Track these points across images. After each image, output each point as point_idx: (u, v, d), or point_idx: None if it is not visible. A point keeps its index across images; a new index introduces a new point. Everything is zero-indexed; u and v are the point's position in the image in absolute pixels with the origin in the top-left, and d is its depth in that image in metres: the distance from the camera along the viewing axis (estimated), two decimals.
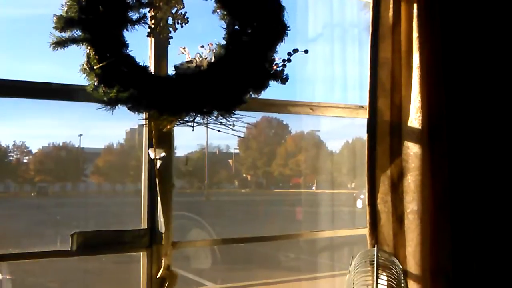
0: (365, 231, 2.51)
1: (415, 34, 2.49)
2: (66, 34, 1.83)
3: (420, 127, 2.48)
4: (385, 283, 1.64)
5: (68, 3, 1.84)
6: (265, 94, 2.17)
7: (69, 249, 2.03)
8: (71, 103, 2.12)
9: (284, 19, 2.07)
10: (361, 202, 2.35)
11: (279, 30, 2.06)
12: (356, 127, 3.03)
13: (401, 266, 1.77)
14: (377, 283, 1.56)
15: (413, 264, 2.44)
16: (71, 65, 1.96)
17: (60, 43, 1.82)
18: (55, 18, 1.82)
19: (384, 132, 2.53)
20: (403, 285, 1.66)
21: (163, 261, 2.16)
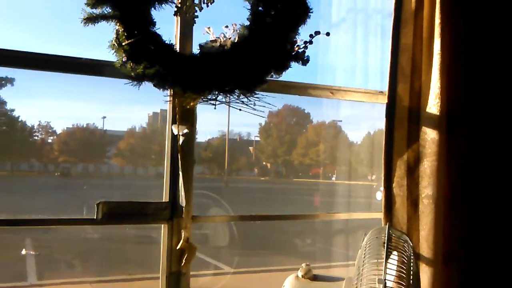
0: (380, 215, 2.57)
1: (437, 20, 2.50)
2: (97, 11, 1.91)
3: (438, 113, 2.50)
4: (396, 259, 1.69)
5: None
6: (286, 77, 2.22)
7: (95, 217, 2.12)
8: (96, 83, 2.21)
9: (307, 1, 2.11)
10: (381, 194, 2.39)
11: (302, 12, 2.10)
12: (375, 117, 3.06)
13: (412, 244, 1.82)
14: (387, 258, 1.61)
15: (425, 248, 2.48)
16: (100, 43, 2.04)
17: (91, 19, 1.89)
18: None
19: (403, 117, 2.56)
20: (412, 263, 1.71)
21: (183, 233, 2.24)
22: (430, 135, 2.52)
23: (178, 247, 2.24)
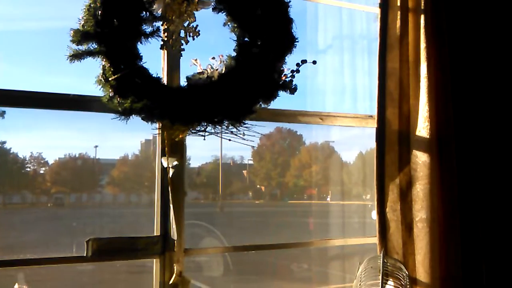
0: (376, 240, 2.54)
1: (422, 45, 2.53)
2: (83, 47, 1.91)
3: (428, 136, 2.51)
4: (392, 286, 1.67)
5: (85, 17, 1.92)
6: (275, 104, 2.22)
7: (84, 255, 2.09)
8: (87, 114, 2.19)
9: (292, 31, 2.13)
10: (376, 215, 2.41)
11: (288, 42, 2.12)
12: (366, 137, 3.07)
13: (407, 272, 1.80)
14: (383, 287, 1.59)
15: (422, 272, 2.45)
16: (87, 77, 2.04)
17: (77, 56, 1.89)
18: (72, 32, 1.90)
19: (393, 141, 2.56)
20: None
21: (175, 267, 2.21)
22: (421, 158, 2.52)
23: (171, 282, 2.20)
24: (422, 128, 2.52)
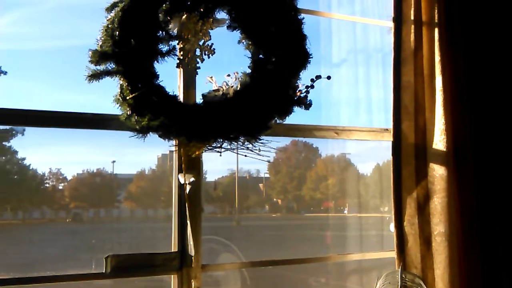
0: (394, 254, 2.52)
1: (437, 58, 2.53)
2: (101, 67, 1.95)
3: (445, 149, 2.50)
4: None
5: (103, 38, 1.96)
6: (290, 119, 2.23)
7: (103, 271, 2.11)
8: (105, 131, 2.23)
9: (306, 47, 2.15)
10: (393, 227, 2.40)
11: (302, 58, 2.13)
12: (383, 149, 3.05)
13: (425, 287, 1.78)
14: None
15: (442, 286, 2.43)
16: (105, 95, 2.07)
17: (95, 76, 1.93)
18: (90, 52, 1.94)
19: (409, 155, 2.55)
20: None
21: (193, 283, 2.22)
22: (438, 172, 2.51)
23: None
24: (439, 141, 2.51)
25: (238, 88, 2.12)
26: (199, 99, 2.19)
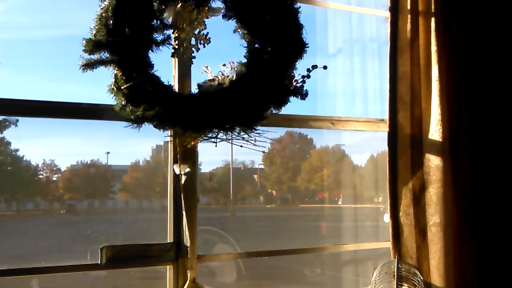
0: (389, 244, 2.53)
1: (433, 48, 2.52)
2: (95, 56, 1.92)
3: (441, 140, 2.49)
4: None
5: (97, 27, 1.93)
6: (286, 109, 2.22)
7: (98, 262, 2.10)
8: (99, 121, 2.21)
9: (303, 37, 2.13)
10: (388, 217, 2.40)
11: (298, 48, 2.11)
12: (378, 140, 3.05)
13: (422, 278, 1.78)
14: None
15: (437, 276, 2.43)
16: (99, 85, 2.05)
17: (89, 65, 1.91)
18: (84, 41, 1.91)
19: (405, 145, 2.55)
20: None
21: (188, 274, 2.21)
22: (434, 162, 2.51)
23: None
24: (435, 132, 2.51)
25: (234, 78, 2.10)
26: (194, 89, 2.17)
